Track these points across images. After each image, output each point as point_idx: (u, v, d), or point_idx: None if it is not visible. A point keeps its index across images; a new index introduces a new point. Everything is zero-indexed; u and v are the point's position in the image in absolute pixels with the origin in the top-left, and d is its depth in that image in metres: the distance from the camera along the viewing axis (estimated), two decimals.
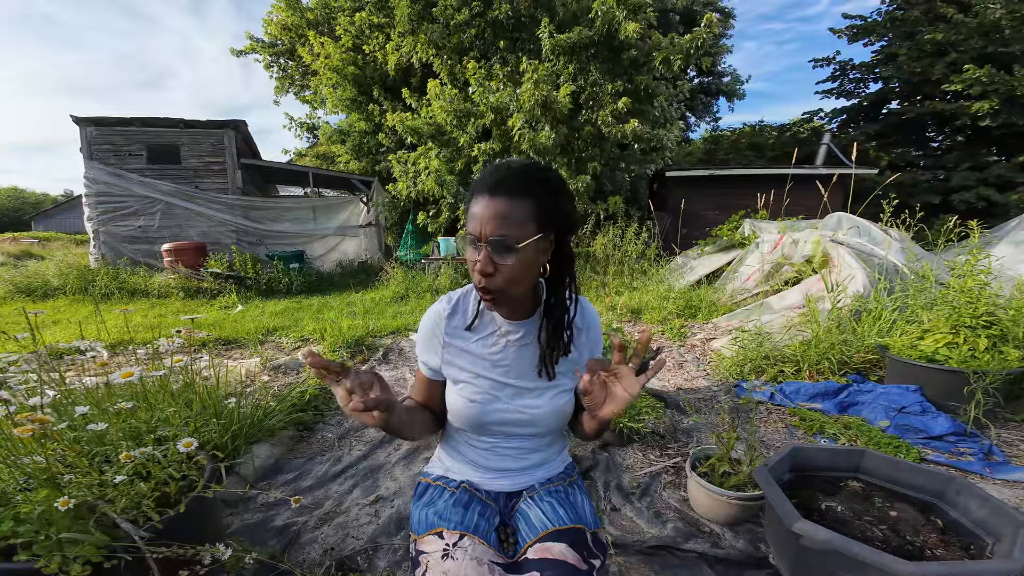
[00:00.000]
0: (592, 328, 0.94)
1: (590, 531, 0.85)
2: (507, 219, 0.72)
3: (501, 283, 0.76)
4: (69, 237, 22.02)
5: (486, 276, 0.75)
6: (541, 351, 0.88)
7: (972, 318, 2.22)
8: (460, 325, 0.90)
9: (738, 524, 1.50)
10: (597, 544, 0.84)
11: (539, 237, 0.74)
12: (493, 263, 0.74)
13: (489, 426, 0.89)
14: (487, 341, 0.89)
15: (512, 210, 0.72)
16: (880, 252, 3.71)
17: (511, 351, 0.88)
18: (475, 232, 0.74)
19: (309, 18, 12.68)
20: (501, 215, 0.72)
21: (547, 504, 0.89)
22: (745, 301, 4.65)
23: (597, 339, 0.95)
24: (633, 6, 7.38)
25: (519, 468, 0.95)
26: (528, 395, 0.89)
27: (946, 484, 1.19)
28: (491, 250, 0.73)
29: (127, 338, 3.73)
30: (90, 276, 7.03)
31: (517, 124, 7.11)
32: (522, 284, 0.78)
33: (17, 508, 0.89)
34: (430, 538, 0.82)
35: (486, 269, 0.74)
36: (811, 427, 2.19)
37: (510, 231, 0.72)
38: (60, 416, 1.14)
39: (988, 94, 11.29)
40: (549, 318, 0.86)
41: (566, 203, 0.79)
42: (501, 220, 0.72)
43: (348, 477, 1.87)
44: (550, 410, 0.88)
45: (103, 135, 8.68)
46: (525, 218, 0.73)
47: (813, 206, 5.68)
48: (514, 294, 0.80)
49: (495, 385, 0.88)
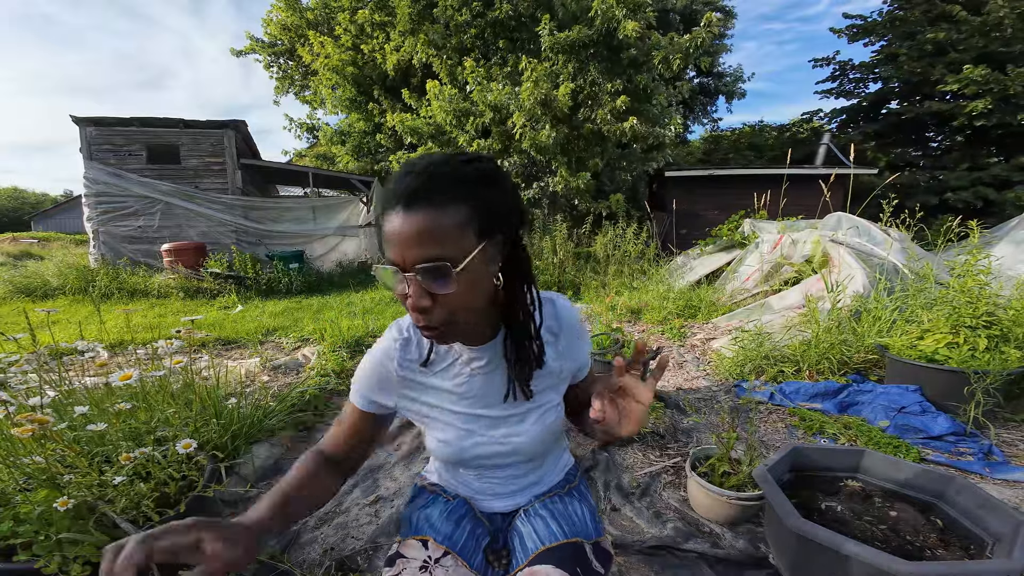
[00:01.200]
0: (569, 329, 0.81)
1: (589, 542, 0.80)
2: (435, 236, 0.55)
3: (444, 316, 0.60)
4: (69, 237, 22.02)
5: (422, 312, 0.59)
6: (509, 373, 0.75)
7: (972, 318, 2.22)
8: (416, 359, 0.77)
9: (738, 524, 1.50)
10: (598, 554, 0.79)
11: (483, 247, 0.58)
12: (428, 295, 0.58)
13: (470, 462, 0.82)
14: (448, 373, 0.77)
15: (440, 222, 0.55)
16: (880, 252, 3.71)
17: (477, 379, 0.77)
18: (396, 260, 0.57)
19: (309, 18, 12.69)
20: (426, 232, 0.55)
21: (540, 520, 0.83)
22: (745, 301, 4.65)
23: (577, 339, 0.83)
24: (633, 5, 7.39)
25: (513, 491, 0.89)
26: (507, 423, 0.79)
27: (946, 484, 1.19)
28: (422, 279, 0.56)
29: (127, 338, 3.73)
30: (90, 276, 7.02)
31: (519, 122, 7.11)
32: (472, 309, 0.64)
33: (17, 508, 0.89)
34: (414, 543, 0.78)
35: (420, 304, 0.58)
36: (811, 427, 2.19)
37: (443, 250, 0.55)
38: (60, 416, 1.14)
39: (983, 94, 11.31)
40: (512, 335, 0.73)
41: (508, 195, 0.63)
42: (427, 238, 0.55)
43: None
44: (535, 435, 0.80)
45: (103, 135, 8.67)
46: (459, 228, 0.56)
47: (812, 206, 5.68)
48: (466, 322, 0.65)
49: (467, 419, 0.78)
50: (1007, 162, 12.08)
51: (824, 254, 4.08)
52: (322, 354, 3.31)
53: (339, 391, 2.79)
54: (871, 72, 15.05)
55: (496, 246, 0.62)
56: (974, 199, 11.91)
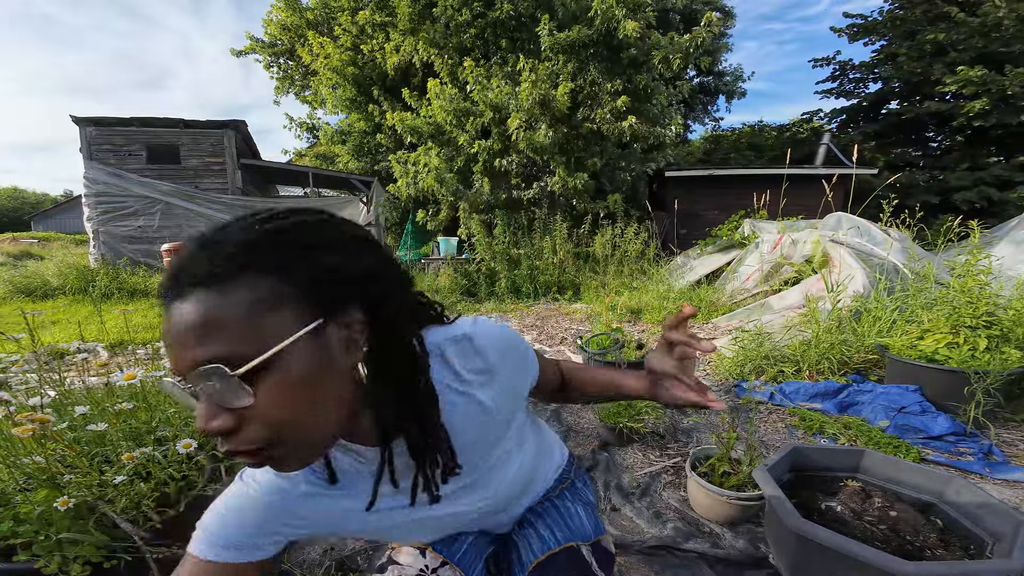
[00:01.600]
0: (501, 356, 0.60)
1: (586, 544, 0.75)
2: (212, 327, 0.39)
3: (262, 434, 0.41)
4: (69, 237, 22.03)
5: (223, 436, 0.41)
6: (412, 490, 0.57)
7: (972, 318, 2.22)
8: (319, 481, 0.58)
9: (738, 524, 1.51)
10: (598, 555, 0.75)
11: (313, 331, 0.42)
12: (224, 411, 0.41)
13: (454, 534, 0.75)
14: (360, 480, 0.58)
15: (220, 308, 0.39)
16: (880, 252, 3.71)
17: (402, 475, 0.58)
18: (172, 368, 0.42)
19: (309, 18, 12.69)
20: (199, 324, 0.39)
21: (533, 529, 0.79)
22: (745, 301, 4.65)
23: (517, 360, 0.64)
24: (632, 5, 7.39)
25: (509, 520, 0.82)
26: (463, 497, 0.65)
27: (946, 484, 1.19)
28: (204, 391, 0.40)
29: (127, 338, 3.73)
30: (90, 276, 7.03)
31: (514, 124, 7.11)
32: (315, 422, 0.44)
33: (17, 508, 0.89)
34: (410, 550, 0.73)
35: (211, 427, 0.40)
36: (811, 427, 2.19)
37: (228, 346, 0.39)
38: (60, 416, 1.14)
39: (981, 94, 11.32)
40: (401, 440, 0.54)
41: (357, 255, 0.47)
42: (202, 332, 0.39)
43: None
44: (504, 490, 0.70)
45: (103, 135, 8.68)
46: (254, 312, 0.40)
47: (812, 206, 5.68)
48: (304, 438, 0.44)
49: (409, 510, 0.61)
50: (1007, 162, 12.08)
51: (824, 254, 4.08)
52: None
53: None
54: (871, 72, 15.05)
55: (348, 328, 0.45)
56: (976, 199, 11.91)
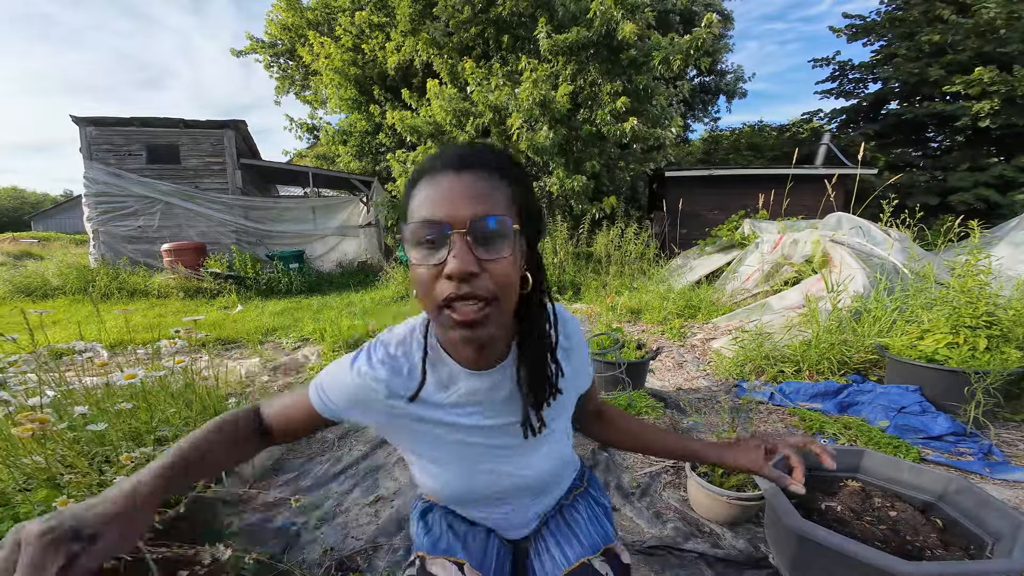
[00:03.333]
0: (579, 344, 0.74)
1: (597, 555, 0.73)
2: (491, 196, 0.51)
3: (490, 288, 0.51)
4: (69, 237, 22.03)
5: (466, 280, 0.50)
6: (524, 405, 0.66)
7: (972, 318, 2.22)
8: (404, 389, 0.65)
9: (738, 524, 1.51)
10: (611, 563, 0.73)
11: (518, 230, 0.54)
12: (476, 259, 0.50)
13: (477, 498, 0.75)
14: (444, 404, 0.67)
15: (494, 189, 0.52)
16: (880, 252, 3.71)
17: (480, 410, 0.67)
18: (441, 215, 0.50)
19: (309, 18, 12.70)
20: (483, 193, 0.51)
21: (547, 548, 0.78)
22: (745, 301, 4.65)
23: (586, 354, 0.77)
24: (631, 6, 7.39)
25: (524, 522, 0.82)
26: (515, 455, 0.71)
27: (946, 484, 1.19)
28: (472, 239, 0.49)
29: (127, 338, 3.73)
30: (90, 276, 7.03)
31: (515, 124, 7.11)
32: (512, 292, 0.55)
33: (17, 508, 0.89)
34: (449, 565, 0.70)
35: (468, 267, 0.49)
36: (811, 427, 2.19)
37: (499, 212, 0.51)
38: (60, 416, 1.14)
39: (988, 94, 11.31)
40: (527, 355, 0.63)
41: (536, 200, 0.60)
42: (484, 198, 0.50)
43: (348, 477, 1.87)
44: (545, 469, 0.73)
45: (103, 135, 8.67)
46: (508, 203, 0.52)
47: (813, 206, 5.69)
48: (506, 307, 0.55)
49: (469, 454, 0.69)
50: (1007, 162, 12.08)
51: (824, 254, 4.08)
52: (322, 354, 3.31)
53: None
54: (871, 72, 15.07)
55: (523, 244, 0.57)
56: (976, 200, 11.90)
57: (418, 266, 0.52)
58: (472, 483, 0.71)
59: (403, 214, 0.57)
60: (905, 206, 3.98)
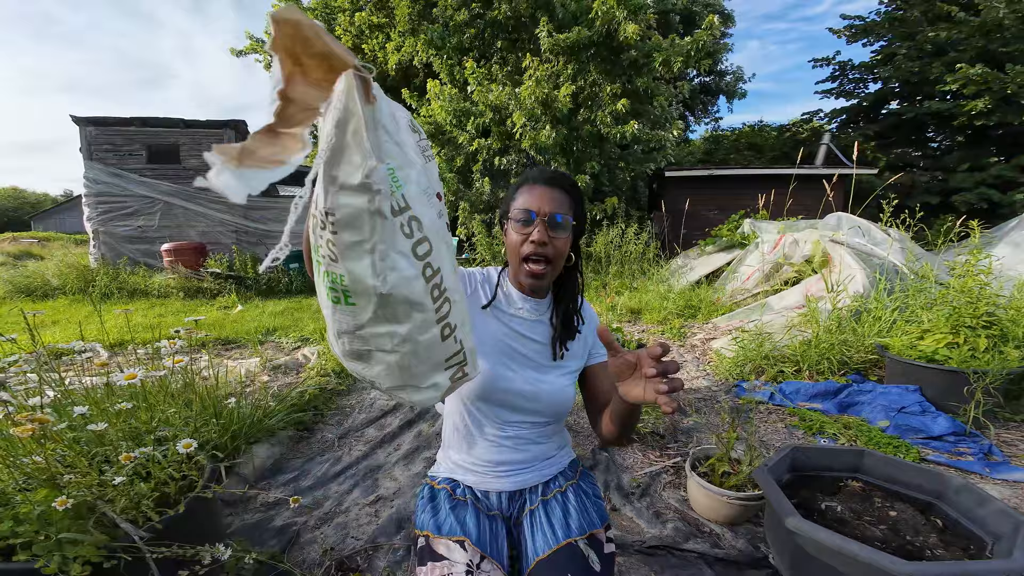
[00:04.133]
0: (591, 320, 1.03)
1: (583, 538, 0.86)
2: (564, 203, 0.88)
3: (552, 253, 0.87)
4: (69, 237, 22.02)
5: (542, 245, 0.85)
6: (554, 331, 0.96)
7: (972, 318, 2.22)
8: (485, 291, 0.99)
9: (738, 524, 1.51)
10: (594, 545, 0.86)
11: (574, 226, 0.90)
12: (548, 236, 0.85)
13: (495, 395, 0.92)
14: (503, 314, 0.97)
15: (564, 199, 0.88)
16: (880, 252, 3.71)
17: (524, 325, 0.96)
18: (535, 208, 0.86)
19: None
20: (558, 200, 0.87)
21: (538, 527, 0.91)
22: (745, 301, 4.65)
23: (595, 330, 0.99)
24: (634, 7, 7.38)
25: (518, 461, 0.96)
26: (536, 369, 0.95)
27: (946, 484, 1.19)
28: (548, 225, 0.85)
29: (127, 338, 3.73)
30: (90, 276, 7.03)
31: (519, 121, 7.10)
32: (562, 261, 0.90)
33: (17, 508, 0.89)
34: (452, 544, 0.84)
35: (543, 239, 0.85)
36: (811, 427, 2.19)
37: (564, 213, 0.87)
38: (60, 416, 1.14)
39: (982, 93, 11.30)
40: (561, 303, 0.97)
41: (585, 210, 0.96)
42: (558, 204, 0.87)
43: (348, 477, 1.87)
44: (555, 388, 0.94)
45: (103, 135, 8.68)
46: (569, 209, 0.89)
47: (813, 206, 5.68)
48: (556, 269, 0.91)
49: (507, 352, 0.94)
50: (1008, 162, 12.07)
51: (824, 254, 4.08)
52: (322, 354, 3.31)
53: (339, 391, 2.79)
54: (871, 72, 15.06)
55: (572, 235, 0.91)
56: (976, 200, 11.89)
57: (515, 233, 0.89)
58: (497, 373, 0.92)
59: (507, 203, 0.93)
60: (905, 206, 3.98)
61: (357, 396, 2.77)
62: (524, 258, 0.88)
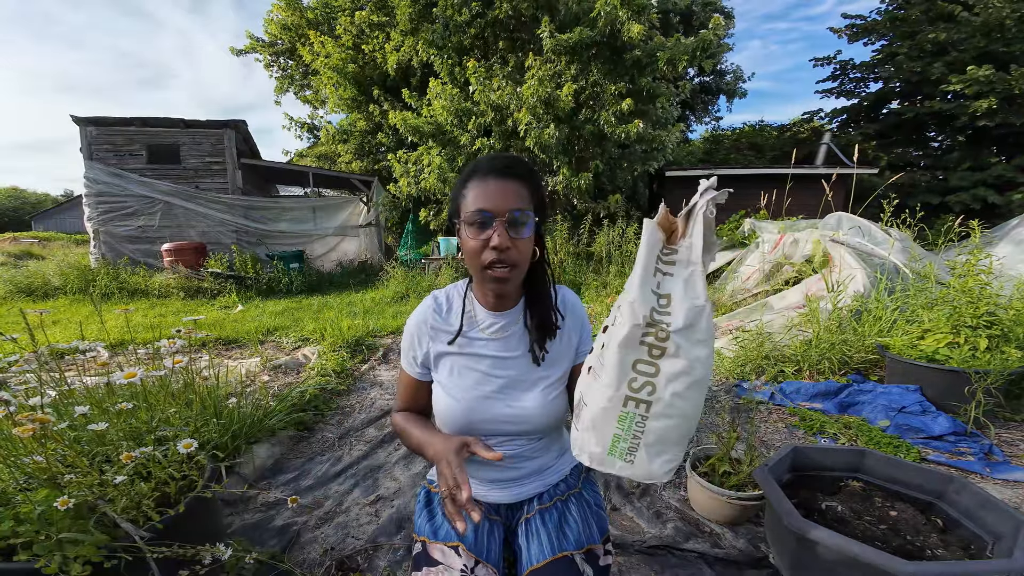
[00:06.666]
0: (575, 309, 0.95)
1: (580, 552, 0.82)
2: (521, 196, 0.77)
3: (516, 257, 0.77)
4: (69, 237, 22.03)
5: (503, 251, 0.76)
6: (531, 334, 0.88)
7: (973, 318, 2.22)
8: (446, 326, 0.90)
9: (738, 524, 1.50)
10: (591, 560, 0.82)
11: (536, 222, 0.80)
12: (509, 238, 0.76)
13: (478, 426, 0.87)
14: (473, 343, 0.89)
15: (521, 191, 0.77)
16: (880, 252, 3.71)
17: (496, 344, 0.89)
18: (490, 208, 0.75)
19: (309, 17, 12.67)
20: (515, 193, 0.77)
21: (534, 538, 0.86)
22: (745, 301, 4.65)
23: (582, 320, 0.95)
24: (638, 7, 7.37)
25: (514, 478, 0.93)
26: (517, 388, 0.88)
27: (946, 484, 1.19)
28: (508, 225, 0.75)
29: (127, 338, 3.73)
30: (90, 276, 7.03)
31: (524, 120, 7.09)
32: (527, 262, 0.81)
33: (17, 508, 0.89)
34: (447, 549, 0.82)
35: (505, 243, 0.75)
36: (811, 427, 2.19)
37: (524, 207, 0.77)
38: (60, 416, 1.14)
39: (986, 93, 11.29)
40: (535, 302, 0.89)
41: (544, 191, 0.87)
42: (516, 197, 0.76)
43: (348, 477, 1.87)
44: (540, 404, 0.87)
45: (103, 135, 8.68)
46: (529, 201, 0.79)
47: (813, 206, 5.68)
48: (523, 271, 0.82)
49: (483, 380, 0.88)
50: (1008, 162, 12.06)
51: (825, 254, 4.07)
52: (322, 354, 3.31)
53: (339, 391, 2.79)
54: (871, 72, 15.04)
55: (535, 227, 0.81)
56: (976, 200, 11.87)
57: (471, 239, 0.77)
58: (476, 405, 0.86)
59: (456, 201, 0.82)
60: (906, 206, 3.97)
61: (357, 396, 2.77)
62: (486, 265, 0.78)
